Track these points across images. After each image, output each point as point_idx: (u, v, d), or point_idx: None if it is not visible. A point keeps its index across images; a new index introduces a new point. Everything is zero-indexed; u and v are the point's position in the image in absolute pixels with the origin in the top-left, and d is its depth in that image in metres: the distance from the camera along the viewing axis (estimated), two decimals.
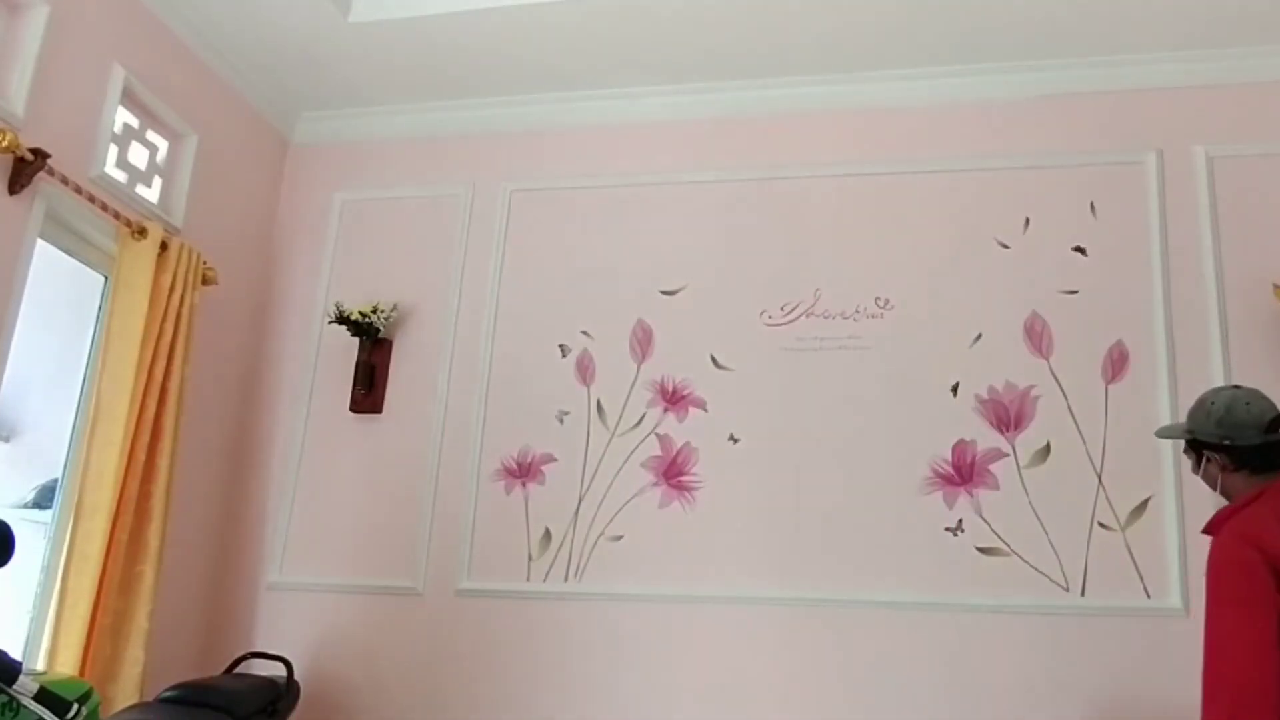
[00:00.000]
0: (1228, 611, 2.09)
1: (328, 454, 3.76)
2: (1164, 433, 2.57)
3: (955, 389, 3.35)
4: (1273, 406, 2.31)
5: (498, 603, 3.47)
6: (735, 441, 3.46)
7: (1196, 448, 2.36)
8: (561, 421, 3.61)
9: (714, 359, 3.55)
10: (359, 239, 4.00)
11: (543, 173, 3.92)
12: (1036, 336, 3.35)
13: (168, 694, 2.95)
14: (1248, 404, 2.28)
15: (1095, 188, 3.44)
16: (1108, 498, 3.16)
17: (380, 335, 3.77)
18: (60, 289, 3.35)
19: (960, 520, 3.24)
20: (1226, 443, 2.28)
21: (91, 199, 3.13)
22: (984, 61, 3.57)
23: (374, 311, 3.73)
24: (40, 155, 2.87)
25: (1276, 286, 3.13)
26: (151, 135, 3.50)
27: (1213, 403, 2.33)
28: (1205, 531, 2.33)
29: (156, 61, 3.46)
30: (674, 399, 3.55)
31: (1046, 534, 3.16)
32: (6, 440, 3.47)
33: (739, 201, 3.70)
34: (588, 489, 3.53)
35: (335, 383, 3.81)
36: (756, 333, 3.54)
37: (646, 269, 3.70)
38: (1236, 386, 2.40)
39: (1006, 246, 3.45)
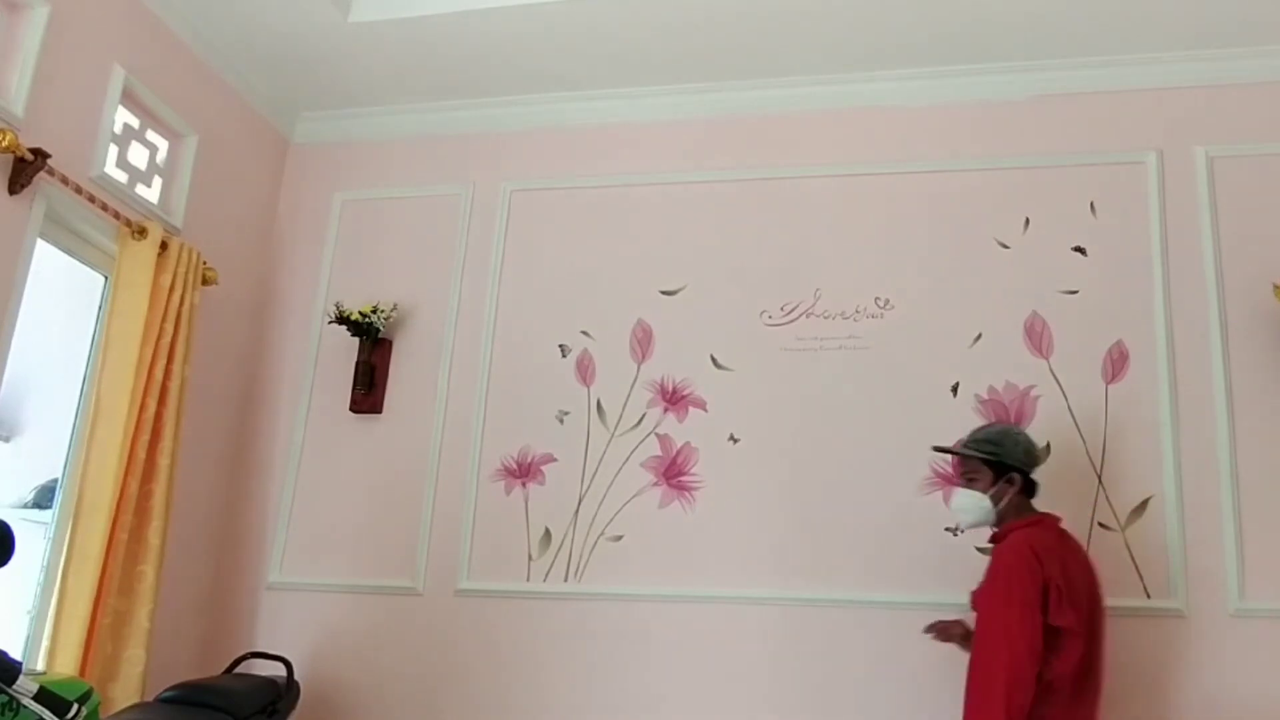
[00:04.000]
0: (1014, 611, 2.45)
1: (328, 454, 3.76)
2: (973, 447, 2.79)
3: (955, 389, 3.35)
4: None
5: (497, 603, 3.47)
6: (735, 441, 3.46)
7: (999, 469, 2.74)
8: (561, 421, 3.61)
9: (714, 359, 3.55)
10: (359, 239, 4.00)
11: (542, 173, 3.92)
12: (1036, 336, 3.35)
13: (168, 694, 2.95)
14: (1032, 441, 2.82)
15: (1095, 188, 3.44)
16: (1108, 498, 3.16)
17: (380, 335, 3.77)
18: (60, 289, 3.36)
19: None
20: (1025, 470, 2.76)
21: (91, 199, 3.13)
22: (984, 61, 3.57)
23: (374, 311, 3.73)
24: (40, 155, 2.86)
25: (1276, 286, 3.13)
26: (151, 135, 3.50)
27: (1018, 435, 2.82)
28: (991, 540, 2.75)
29: (156, 61, 3.45)
30: (674, 399, 3.55)
31: None
32: (6, 440, 3.47)
33: (739, 201, 3.70)
34: (588, 489, 3.53)
35: (335, 383, 3.81)
36: (756, 333, 3.54)
37: (646, 269, 3.70)
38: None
39: (1006, 246, 3.45)
